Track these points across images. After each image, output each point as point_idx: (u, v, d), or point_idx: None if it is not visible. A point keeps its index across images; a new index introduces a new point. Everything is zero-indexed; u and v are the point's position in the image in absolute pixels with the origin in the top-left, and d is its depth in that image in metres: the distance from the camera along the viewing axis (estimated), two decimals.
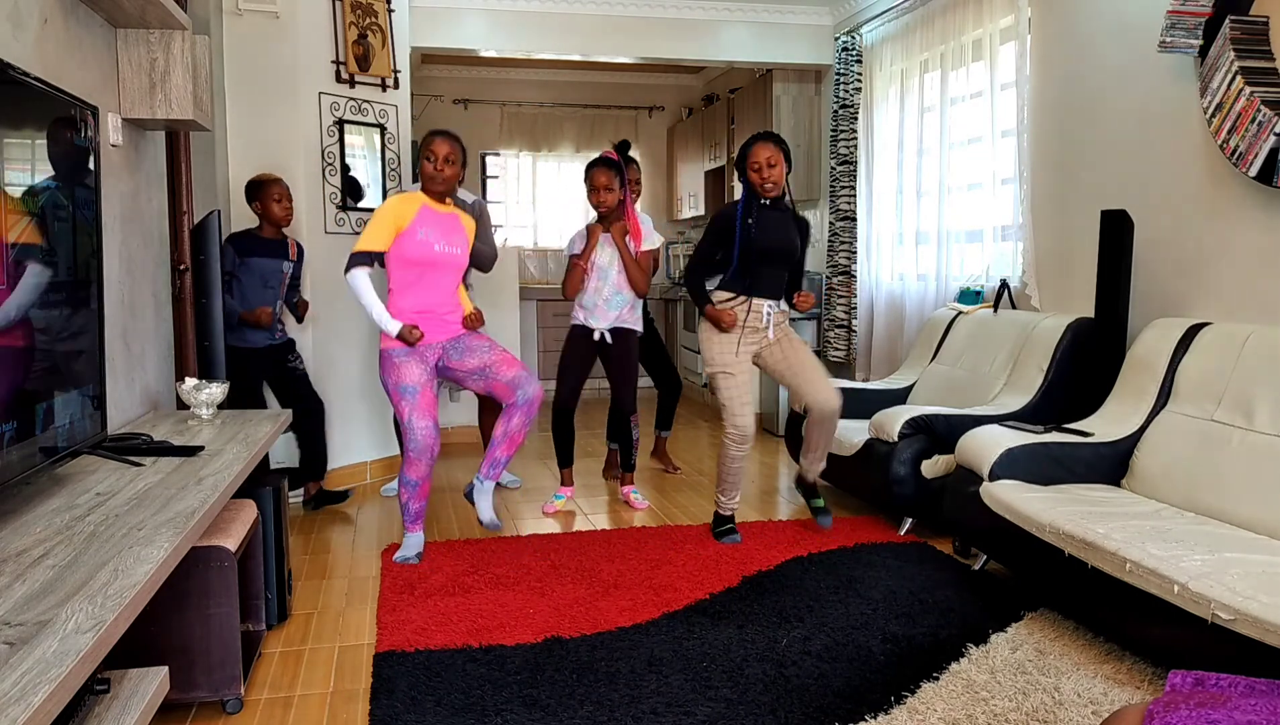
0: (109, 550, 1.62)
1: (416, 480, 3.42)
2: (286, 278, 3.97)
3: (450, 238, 3.39)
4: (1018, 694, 2.37)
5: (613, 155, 4.03)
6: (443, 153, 3.31)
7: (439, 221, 3.38)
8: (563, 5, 5.61)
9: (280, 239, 3.95)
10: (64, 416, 2.03)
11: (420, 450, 3.35)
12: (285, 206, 3.88)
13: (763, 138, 3.53)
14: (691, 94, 8.62)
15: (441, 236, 3.37)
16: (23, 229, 1.83)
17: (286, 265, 3.95)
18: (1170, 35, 3.29)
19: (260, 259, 3.88)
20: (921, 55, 5.05)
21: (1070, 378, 3.68)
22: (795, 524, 3.90)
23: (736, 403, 3.57)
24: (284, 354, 4.01)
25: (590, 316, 4.11)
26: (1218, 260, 3.30)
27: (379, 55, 4.67)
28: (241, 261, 3.86)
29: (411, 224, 3.32)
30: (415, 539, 3.50)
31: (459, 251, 3.42)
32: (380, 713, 2.30)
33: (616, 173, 3.98)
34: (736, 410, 3.57)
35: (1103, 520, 2.64)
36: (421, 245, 3.33)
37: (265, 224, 3.90)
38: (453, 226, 3.42)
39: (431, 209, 3.37)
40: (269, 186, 3.86)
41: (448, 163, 3.32)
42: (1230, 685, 1.41)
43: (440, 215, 3.39)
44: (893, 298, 5.38)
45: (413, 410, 3.33)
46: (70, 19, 2.50)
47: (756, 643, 2.69)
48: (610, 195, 3.97)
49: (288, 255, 3.97)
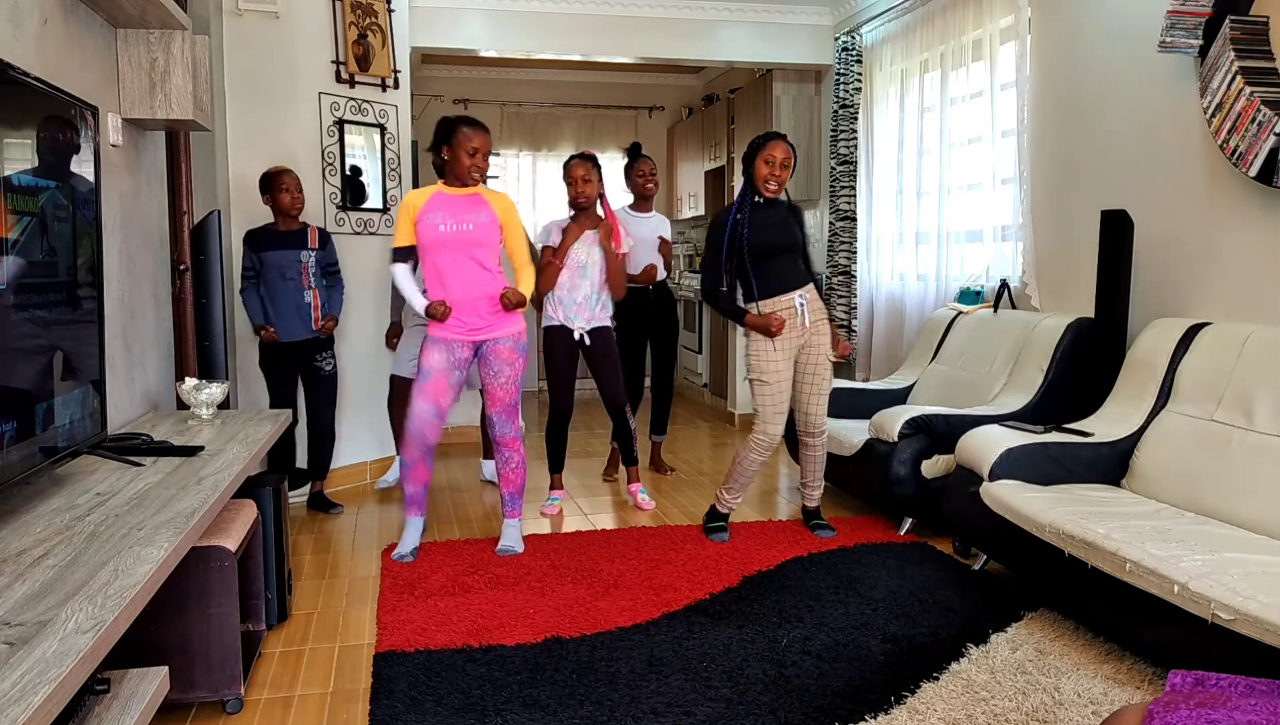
0: (109, 550, 1.62)
1: (410, 462, 3.46)
2: (308, 267, 3.95)
3: (460, 216, 3.33)
4: (1018, 694, 2.37)
5: (589, 152, 4.10)
6: (485, 148, 3.33)
7: (450, 203, 3.35)
8: (563, 5, 5.61)
9: (298, 229, 3.96)
10: (64, 416, 2.03)
11: (413, 431, 3.39)
12: (293, 196, 3.88)
13: (779, 137, 3.55)
14: (691, 94, 8.63)
15: (449, 216, 3.33)
16: (23, 229, 1.83)
17: (305, 254, 3.94)
18: (1170, 35, 3.29)
19: (275, 252, 3.90)
20: (921, 55, 5.05)
21: (1070, 378, 3.68)
22: (795, 524, 3.90)
23: (769, 411, 3.57)
24: (316, 351, 4.00)
25: (568, 315, 4.08)
26: (1218, 260, 3.30)
27: (379, 55, 4.67)
28: (258, 257, 3.90)
29: (421, 212, 3.33)
30: (413, 524, 3.52)
31: (470, 227, 3.34)
32: (380, 713, 2.30)
33: (594, 166, 4.04)
34: (769, 418, 3.57)
35: (1103, 520, 2.64)
36: (428, 227, 3.32)
37: (278, 216, 3.92)
38: (467, 205, 3.35)
39: (445, 194, 3.36)
40: (278, 177, 3.88)
41: (485, 158, 3.34)
42: (1230, 685, 1.41)
43: (453, 197, 3.36)
44: (893, 298, 5.38)
45: (419, 391, 3.39)
46: (70, 19, 2.50)
47: (756, 643, 2.69)
48: (589, 186, 3.99)
49: (306, 244, 3.96)
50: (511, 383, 3.47)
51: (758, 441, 3.60)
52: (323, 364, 4.03)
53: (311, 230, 3.99)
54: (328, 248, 4.03)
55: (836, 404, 4.41)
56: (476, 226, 3.35)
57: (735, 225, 3.54)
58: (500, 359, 3.43)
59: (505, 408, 3.49)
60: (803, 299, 3.58)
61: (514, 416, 3.53)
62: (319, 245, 3.99)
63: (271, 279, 3.90)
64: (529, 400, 7.52)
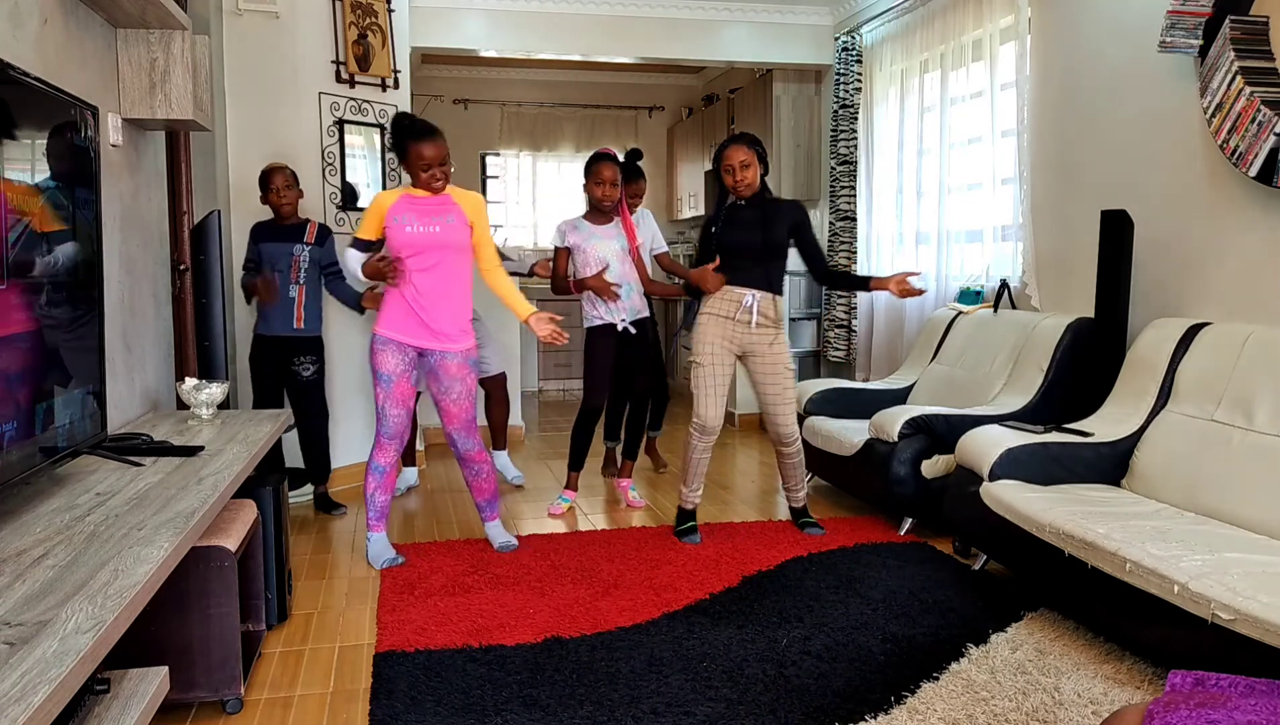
0: (109, 550, 1.62)
1: (385, 467, 3.42)
2: (300, 261, 3.94)
3: (428, 218, 3.27)
4: (1018, 694, 2.37)
5: (611, 151, 4.06)
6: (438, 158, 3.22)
7: (416, 205, 3.28)
8: (563, 5, 5.61)
9: (298, 224, 3.96)
10: (64, 416, 2.03)
11: (391, 436, 3.38)
12: (280, 194, 3.87)
13: (735, 140, 3.58)
14: (691, 94, 8.62)
15: (416, 218, 3.27)
16: (22, 229, 1.83)
17: (298, 248, 3.94)
18: (1170, 35, 3.29)
19: (270, 244, 3.92)
20: (921, 55, 5.05)
21: (1070, 378, 3.68)
22: (794, 524, 3.90)
23: (701, 393, 3.62)
24: (295, 353, 3.96)
25: (609, 311, 4.07)
26: (1218, 260, 3.30)
27: (379, 55, 4.67)
28: (257, 248, 3.94)
29: (389, 213, 3.28)
30: (379, 539, 3.45)
31: (437, 230, 3.27)
32: (380, 713, 2.30)
33: (619, 167, 4.03)
34: (700, 400, 3.62)
35: (1103, 520, 2.64)
36: (395, 229, 3.27)
37: (274, 211, 3.94)
38: (435, 208, 3.28)
39: (412, 196, 3.29)
40: (269, 176, 3.89)
41: (443, 164, 3.24)
42: (1230, 685, 1.41)
43: (420, 199, 3.28)
44: (893, 298, 5.35)
45: (386, 397, 3.35)
46: (70, 19, 2.50)
47: (756, 643, 2.69)
48: (615, 190, 3.98)
49: (302, 238, 3.95)
50: (466, 398, 3.39)
51: (693, 426, 3.65)
52: (300, 368, 3.97)
53: (310, 225, 3.98)
54: (326, 245, 4.01)
55: (836, 404, 4.43)
56: (444, 228, 3.28)
57: (709, 223, 3.70)
58: (449, 375, 3.36)
59: (464, 423, 3.42)
60: (753, 299, 3.60)
61: (473, 431, 3.46)
62: (316, 241, 3.97)
63: (265, 271, 3.92)
64: (528, 401, 7.52)
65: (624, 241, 4.04)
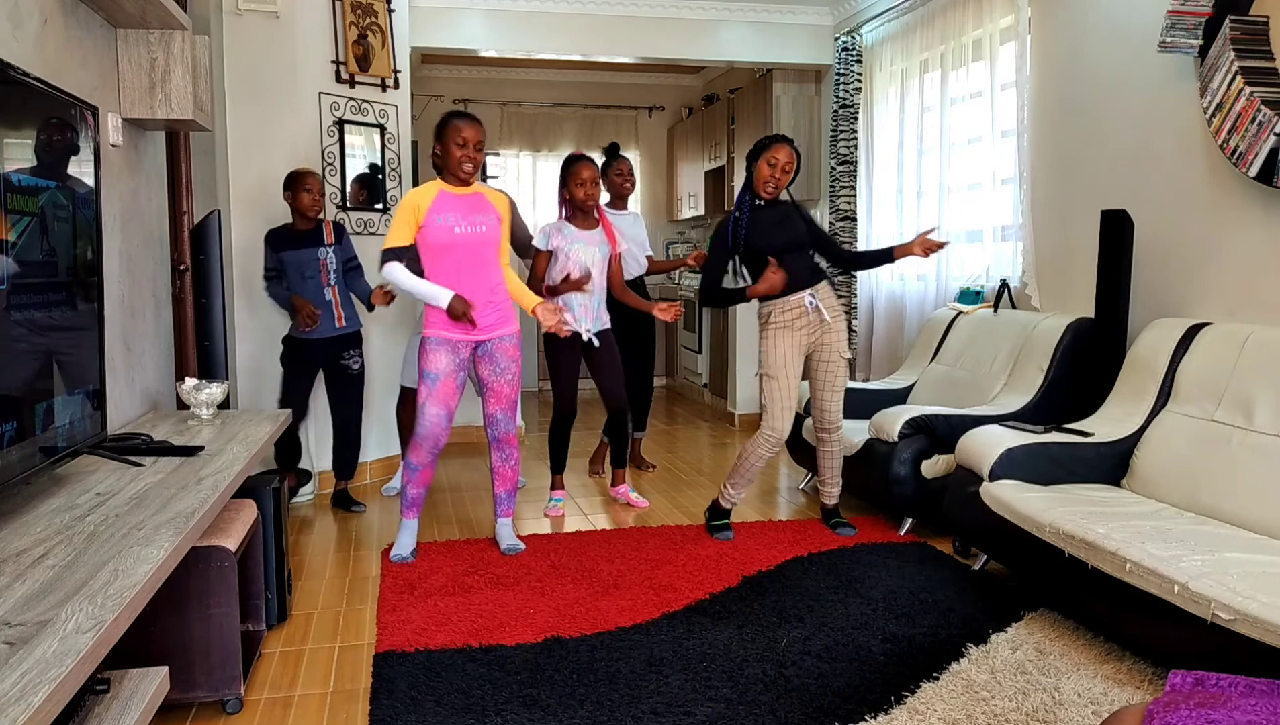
0: (109, 550, 1.62)
1: (418, 465, 3.44)
2: (327, 264, 3.95)
3: (472, 217, 3.32)
4: (1018, 694, 2.37)
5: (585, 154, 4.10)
6: (475, 139, 3.28)
7: (458, 203, 3.31)
8: (563, 5, 5.61)
9: (314, 227, 3.97)
10: (64, 416, 2.03)
11: (425, 436, 3.37)
12: (313, 197, 3.89)
13: (783, 140, 3.57)
14: (691, 94, 8.62)
15: (462, 217, 3.30)
16: (22, 229, 1.83)
17: (323, 251, 3.95)
18: (1170, 35, 3.29)
19: (293, 252, 3.92)
20: (921, 55, 5.05)
21: (1070, 378, 3.68)
22: (795, 524, 3.90)
23: (776, 407, 3.59)
24: (342, 349, 4.01)
25: (576, 319, 4.03)
26: (1218, 260, 3.30)
27: (379, 55, 4.67)
28: (278, 257, 3.93)
29: (429, 212, 3.28)
30: (409, 527, 3.51)
31: (484, 229, 3.33)
32: (380, 713, 2.30)
33: (598, 168, 4.06)
34: (775, 413, 3.59)
35: (1103, 520, 2.64)
36: (441, 230, 3.28)
37: (296, 215, 3.93)
38: (475, 206, 3.34)
39: (449, 192, 3.32)
40: (302, 177, 3.89)
41: (478, 150, 3.29)
42: (1230, 685, 1.41)
43: (459, 197, 3.32)
44: (893, 298, 5.38)
45: (429, 396, 3.35)
46: (70, 19, 2.50)
47: (756, 643, 2.69)
48: (597, 190, 3.99)
49: (322, 240, 3.96)
50: (517, 379, 3.50)
51: (765, 437, 3.61)
52: (350, 362, 4.04)
53: (326, 225, 3.99)
54: (344, 242, 4.03)
55: None
56: (489, 228, 3.35)
57: (735, 224, 3.59)
58: (506, 356, 3.45)
59: (510, 404, 3.51)
60: (813, 298, 3.59)
61: (515, 413, 3.56)
62: (335, 239, 3.99)
63: (292, 279, 3.93)
64: (528, 400, 7.52)
65: (606, 249, 4.03)
